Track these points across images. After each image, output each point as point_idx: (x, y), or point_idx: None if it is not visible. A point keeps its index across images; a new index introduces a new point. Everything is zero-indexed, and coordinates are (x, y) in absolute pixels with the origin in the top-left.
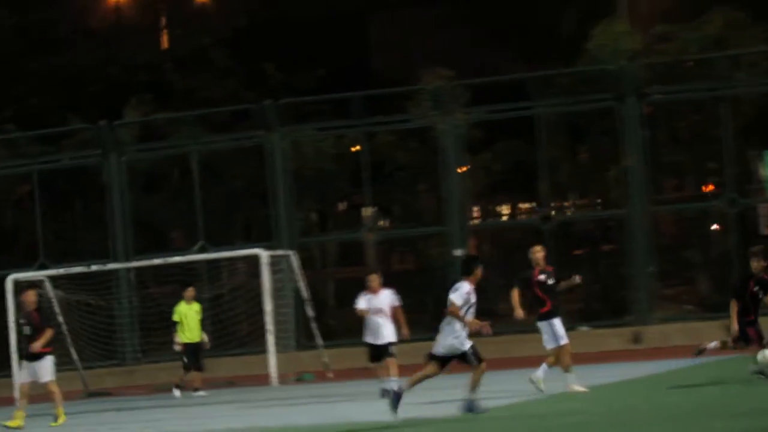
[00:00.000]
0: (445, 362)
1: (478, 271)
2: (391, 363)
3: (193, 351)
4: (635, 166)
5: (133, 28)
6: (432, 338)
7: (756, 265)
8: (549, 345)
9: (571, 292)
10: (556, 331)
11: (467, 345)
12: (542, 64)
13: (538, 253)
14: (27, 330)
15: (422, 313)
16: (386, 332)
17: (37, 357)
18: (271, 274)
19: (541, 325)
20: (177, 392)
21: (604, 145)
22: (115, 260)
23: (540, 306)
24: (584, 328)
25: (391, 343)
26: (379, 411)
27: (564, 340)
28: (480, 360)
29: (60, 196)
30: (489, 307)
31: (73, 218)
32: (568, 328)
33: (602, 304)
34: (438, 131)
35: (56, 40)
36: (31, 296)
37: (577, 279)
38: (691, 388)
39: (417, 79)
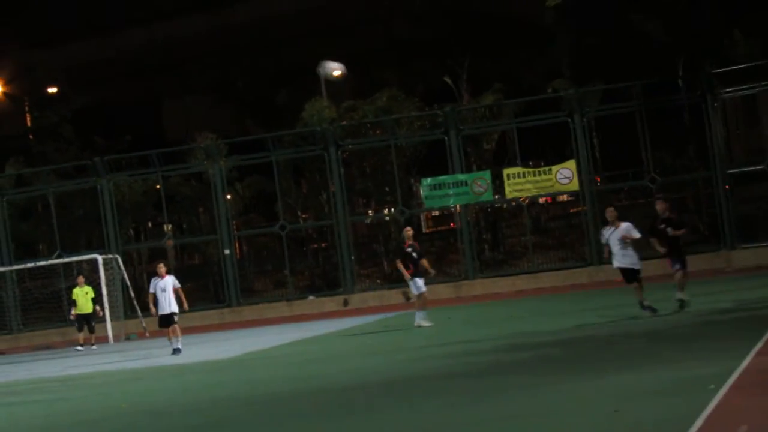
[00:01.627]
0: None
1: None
2: (176, 328)
3: (86, 319)
4: (338, 191)
5: (4, 111)
6: (211, 308)
7: (660, 207)
8: (415, 292)
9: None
10: (418, 286)
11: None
12: (276, 127)
13: (408, 231)
14: None
15: (205, 292)
16: (170, 305)
17: None
18: (105, 270)
19: (410, 282)
20: (80, 348)
21: (317, 178)
22: (1, 265)
23: (407, 269)
24: (311, 297)
25: (174, 313)
26: (178, 358)
27: (423, 290)
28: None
29: None
30: (248, 286)
31: None
32: (299, 297)
33: (322, 280)
34: (209, 173)
35: None
36: None
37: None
38: (374, 334)
39: (194, 140)
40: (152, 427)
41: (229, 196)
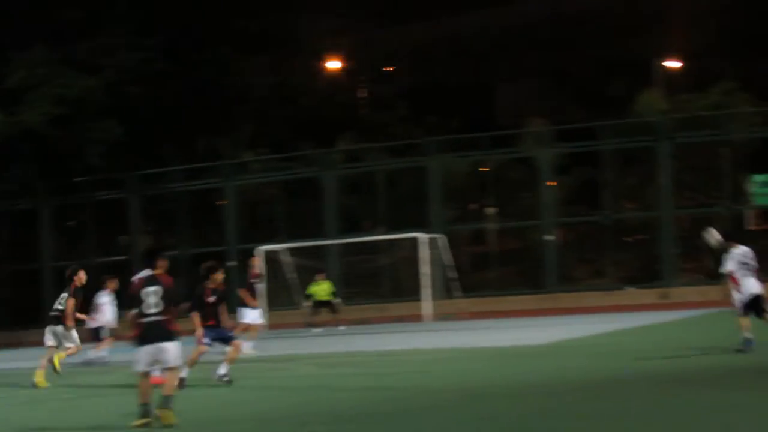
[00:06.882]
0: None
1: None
2: None
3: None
4: (666, 184)
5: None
6: (528, 293)
7: None
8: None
9: None
10: None
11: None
12: (604, 117)
13: None
14: None
15: (523, 277)
16: None
17: None
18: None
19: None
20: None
21: (645, 169)
22: (325, 238)
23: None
24: (629, 288)
25: None
26: (494, 341)
27: None
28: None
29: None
30: (567, 273)
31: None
32: (616, 287)
33: (642, 272)
34: (536, 158)
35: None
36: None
37: None
38: (696, 328)
39: (524, 125)
40: (467, 408)
41: (554, 183)
